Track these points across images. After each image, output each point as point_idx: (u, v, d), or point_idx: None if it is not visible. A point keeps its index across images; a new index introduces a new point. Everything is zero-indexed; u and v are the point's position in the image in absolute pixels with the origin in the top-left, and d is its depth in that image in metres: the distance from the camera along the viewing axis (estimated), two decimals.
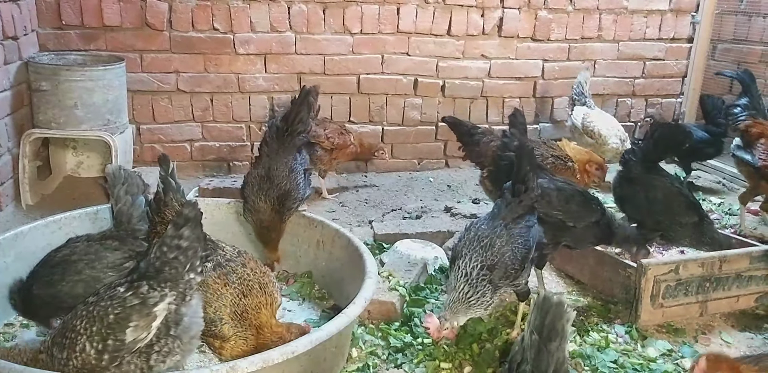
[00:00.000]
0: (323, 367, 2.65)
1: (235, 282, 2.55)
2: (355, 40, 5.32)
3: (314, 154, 4.58)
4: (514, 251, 2.85)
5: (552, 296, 1.94)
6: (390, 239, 4.10)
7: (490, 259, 2.81)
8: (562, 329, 1.91)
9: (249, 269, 2.64)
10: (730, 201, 4.96)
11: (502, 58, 5.60)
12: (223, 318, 2.48)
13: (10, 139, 4.31)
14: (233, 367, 2.27)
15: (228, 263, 2.62)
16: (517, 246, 2.87)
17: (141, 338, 2.22)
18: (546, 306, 1.94)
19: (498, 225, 2.93)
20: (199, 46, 5.10)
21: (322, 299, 3.52)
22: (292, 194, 3.53)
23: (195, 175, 5.33)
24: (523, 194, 2.98)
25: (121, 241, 2.96)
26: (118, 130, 4.60)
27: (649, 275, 3.25)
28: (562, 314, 1.91)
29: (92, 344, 2.16)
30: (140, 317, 2.22)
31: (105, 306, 2.23)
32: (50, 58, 4.69)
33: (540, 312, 1.94)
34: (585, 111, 5.20)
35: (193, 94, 5.20)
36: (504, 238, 2.87)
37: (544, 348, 1.89)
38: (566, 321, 1.91)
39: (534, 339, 1.93)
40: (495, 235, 2.87)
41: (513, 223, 2.94)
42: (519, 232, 2.92)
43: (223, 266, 2.59)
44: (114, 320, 2.20)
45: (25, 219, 4.09)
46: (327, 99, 5.37)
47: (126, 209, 2.90)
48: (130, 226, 2.98)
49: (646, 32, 5.81)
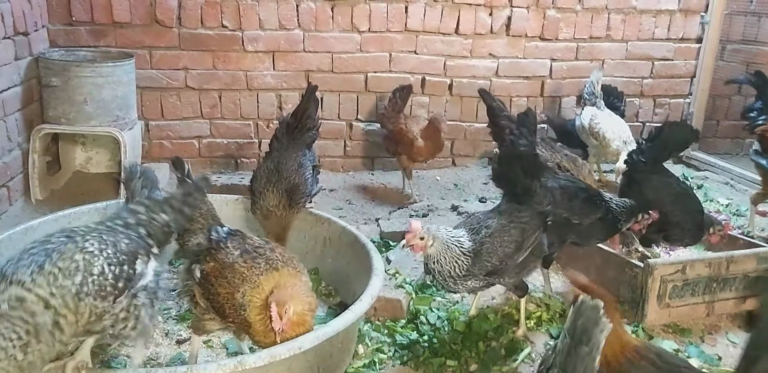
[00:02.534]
0: (329, 363, 2.66)
1: (262, 266, 2.55)
2: (363, 39, 5.33)
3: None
4: (495, 246, 2.85)
5: (589, 300, 1.90)
6: (396, 237, 4.10)
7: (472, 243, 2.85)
8: (595, 337, 1.85)
9: (278, 253, 2.66)
10: (738, 202, 4.95)
11: (510, 58, 5.60)
12: (252, 302, 2.47)
13: (20, 134, 4.34)
14: (241, 362, 2.28)
15: (257, 249, 2.63)
16: (501, 241, 2.87)
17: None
18: (582, 310, 1.90)
19: (491, 217, 2.96)
20: (208, 43, 5.11)
21: (329, 296, 3.54)
22: (300, 188, 3.57)
23: (203, 171, 5.34)
24: (524, 197, 2.98)
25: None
26: (127, 127, 4.62)
27: (656, 275, 3.25)
28: (596, 320, 1.86)
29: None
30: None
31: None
32: (60, 54, 4.71)
33: (575, 315, 1.91)
34: (594, 112, 5.18)
35: (202, 91, 5.22)
36: (491, 229, 2.88)
37: (574, 351, 1.86)
38: (600, 330, 1.86)
39: (566, 342, 1.90)
40: (484, 225, 2.91)
41: (508, 219, 2.94)
42: (510, 229, 2.91)
43: (250, 253, 2.60)
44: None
45: (35, 214, 4.11)
46: (335, 97, 5.38)
47: None
48: None
49: (654, 32, 5.79)
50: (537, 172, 3.04)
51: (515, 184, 3.01)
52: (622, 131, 5.07)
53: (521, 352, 3.01)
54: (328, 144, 5.46)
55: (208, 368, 2.25)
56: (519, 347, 3.03)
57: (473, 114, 5.63)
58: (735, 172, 5.50)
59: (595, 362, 1.85)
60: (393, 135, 4.92)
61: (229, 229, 2.80)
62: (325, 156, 5.43)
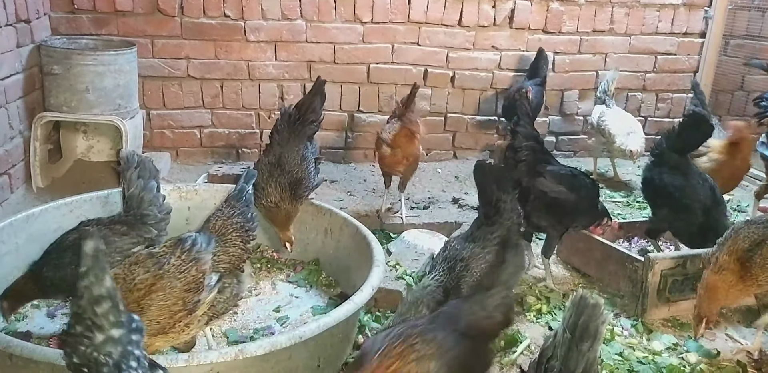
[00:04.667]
0: (330, 353, 2.67)
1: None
2: (366, 30, 5.31)
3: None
4: (474, 277, 2.77)
5: (588, 296, 1.87)
6: (397, 229, 4.11)
7: (449, 282, 2.75)
8: (596, 331, 1.84)
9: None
10: (739, 197, 4.95)
11: (513, 50, 5.58)
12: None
13: (22, 122, 4.33)
14: (242, 350, 2.30)
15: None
16: (479, 271, 2.79)
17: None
18: (582, 306, 1.87)
19: (466, 247, 2.87)
20: (210, 33, 5.09)
21: (330, 287, 3.54)
22: (303, 182, 3.55)
23: (204, 161, 5.34)
24: (495, 217, 2.90)
25: (129, 226, 2.98)
26: (129, 115, 4.61)
27: (656, 269, 3.27)
28: (597, 316, 1.84)
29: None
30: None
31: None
32: (62, 42, 4.69)
33: (575, 311, 1.87)
34: (602, 109, 5.22)
35: (204, 80, 5.21)
36: (466, 261, 2.80)
37: (575, 347, 1.84)
38: (601, 323, 1.84)
39: (566, 337, 1.87)
40: (458, 258, 2.82)
41: (482, 245, 2.86)
42: (485, 255, 2.82)
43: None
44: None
45: (36, 202, 4.11)
46: (336, 88, 5.36)
47: (137, 192, 2.91)
48: (140, 210, 2.99)
49: (658, 26, 5.77)
50: (507, 185, 2.97)
51: (489, 199, 2.94)
52: (628, 127, 5.07)
53: (520, 344, 3.02)
54: (329, 135, 5.45)
55: (209, 356, 2.27)
56: (518, 339, 3.05)
57: (475, 107, 5.63)
58: None
59: (596, 353, 1.85)
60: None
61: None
62: (326, 147, 5.42)
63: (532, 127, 3.48)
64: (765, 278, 2.81)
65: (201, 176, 4.77)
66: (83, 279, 1.57)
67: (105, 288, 1.58)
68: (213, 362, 2.25)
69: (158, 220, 3.02)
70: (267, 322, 3.17)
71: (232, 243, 2.71)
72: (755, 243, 2.85)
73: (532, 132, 3.46)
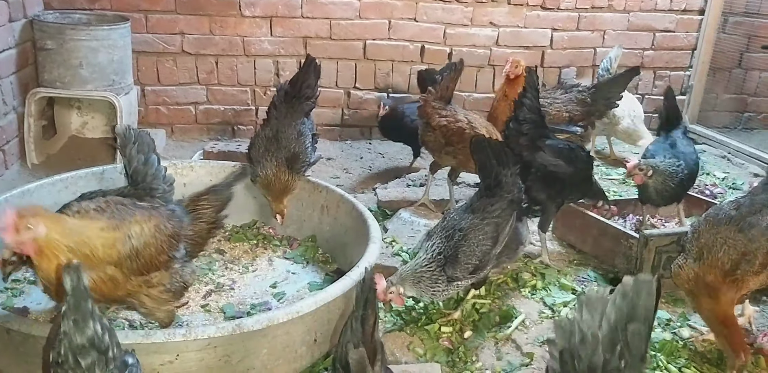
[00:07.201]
0: (327, 328, 2.69)
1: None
2: (362, 5, 5.25)
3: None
4: (471, 246, 2.81)
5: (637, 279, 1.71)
6: (393, 206, 4.12)
7: (446, 251, 2.79)
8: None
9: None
10: (734, 175, 4.96)
11: (511, 27, 5.54)
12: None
13: (15, 97, 4.29)
14: (239, 325, 2.31)
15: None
16: (477, 242, 2.82)
17: None
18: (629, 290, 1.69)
19: (465, 218, 2.88)
20: (205, 8, 5.03)
21: (326, 263, 3.56)
22: (300, 156, 3.56)
23: (199, 138, 5.32)
24: (496, 189, 2.91)
25: (139, 199, 2.97)
26: (123, 91, 4.58)
27: (651, 246, 3.28)
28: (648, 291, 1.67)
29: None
30: None
31: None
32: (55, 16, 4.63)
33: (620, 297, 1.69)
34: None
35: (198, 56, 5.16)
36: (465, 231, 2.82)
37: (624, 329, 1.68)
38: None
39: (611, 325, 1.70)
40: (457, 228, 2.84)
41: (481, 217, 2.87)
42: (484, 227, 2.85)
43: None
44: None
45: (31, 178, 4.10)
46: (332, 64, 5.32)
47: (141, 167, 2.89)
48: (146, 184, 2.98)
49: (657, 3, 5.72)
50: (508, 160, 2.95)
51: (489, 173, 2.94)
52: (632, 109, 5.03)
53: (515, 319, 3.05)
54: (325, 112, 5.42)
55: (206, 330, 2.28)
56: (513, 315, 3.07)
57: (472, 84, 5.59)
58: (732, 146, 5.50)
59: (650, 331, 1.71)
60: (446, 133, 3.89)
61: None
62: (322, 124, 5.40)
63: (537, 101, 3.46)
64: (756, 281, 2.75)
65: (196, 153, 4.76)
66: (63, 322, 1.30)
67: (87, 337, 1.32)
68: (210, 336, 2.27)
69: (165, 192, 3.01)
70: (264, 298, 3.18)
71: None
72: (736, 263, 2.67)
73: (536, 105, 3.44)
